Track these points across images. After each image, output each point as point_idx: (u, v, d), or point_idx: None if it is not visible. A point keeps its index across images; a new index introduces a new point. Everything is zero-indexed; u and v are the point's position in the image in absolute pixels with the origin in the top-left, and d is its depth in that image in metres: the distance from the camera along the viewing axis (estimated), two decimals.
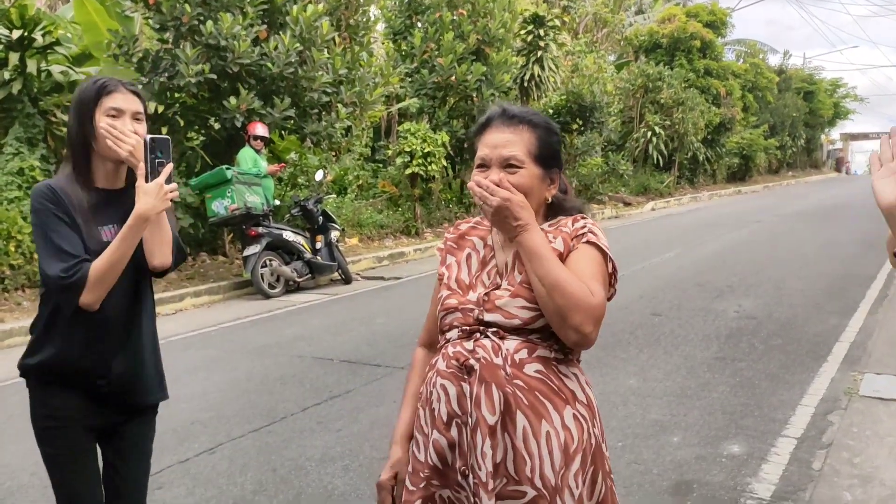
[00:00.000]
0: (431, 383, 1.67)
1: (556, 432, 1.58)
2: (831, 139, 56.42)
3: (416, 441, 1.71)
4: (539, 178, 1.71)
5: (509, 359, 1.60)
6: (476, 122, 1.80)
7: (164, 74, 9.53)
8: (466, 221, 1.88)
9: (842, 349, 5.82)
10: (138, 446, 2.26)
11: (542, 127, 1.73)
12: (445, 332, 1.72)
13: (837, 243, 12.05)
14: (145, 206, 1.99)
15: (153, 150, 2.03)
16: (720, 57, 30.59)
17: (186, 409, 4.86)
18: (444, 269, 1.80)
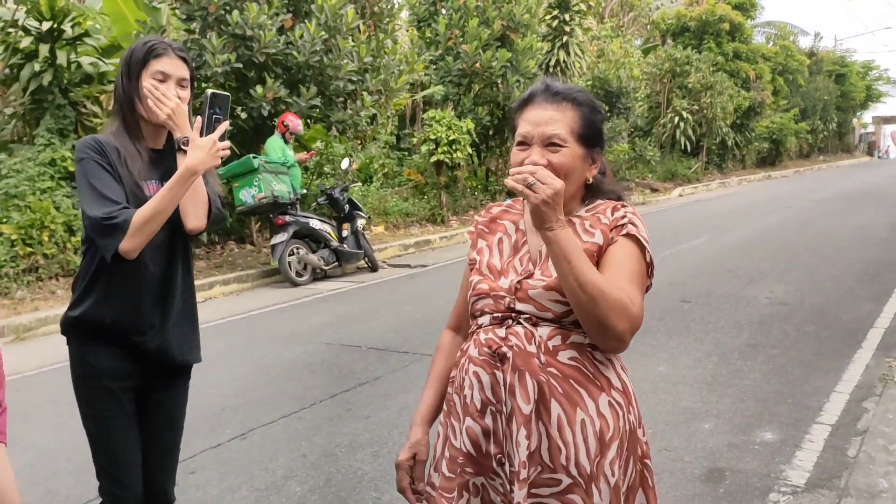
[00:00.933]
0: (464, 370, 1.65)
1: (592, 420, 1.56)
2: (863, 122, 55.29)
3: (452, 427, 1.68)
4: (581, 158, 1.66)
5: (543, 346, 1.57)
6: (517, 98, 1.74)
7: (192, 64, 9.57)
8: (498, 205, 1.85)
9: (876, 335, 5.72)
10: (171, 412, 2.30)
11: (587, 105, 1.67)
12: (476, 317, 1.69)
13: (870, 228, 11.83)
14: (196, 160, 2.00)
15: (212, 106, 2.05)
16: (749, 40, 30.07)
17: (217, 395, 4.91)
18: (475, 253, 1.76)
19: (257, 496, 3.47)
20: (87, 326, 2.13)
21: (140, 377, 2.19)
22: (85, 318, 2.12)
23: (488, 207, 1.85)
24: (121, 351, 2.14)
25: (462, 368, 1.66)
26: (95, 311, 2.11)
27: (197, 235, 2.21)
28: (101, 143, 2.06)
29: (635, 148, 20.71)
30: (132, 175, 2.07)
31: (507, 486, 1.58)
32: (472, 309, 1.71)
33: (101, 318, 2.11)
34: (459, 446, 1.65)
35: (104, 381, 2.14)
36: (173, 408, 2.31)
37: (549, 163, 1.59)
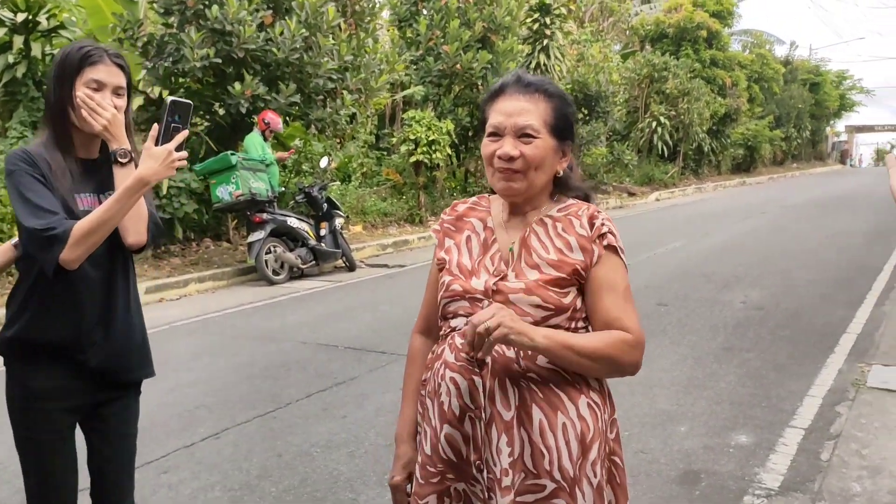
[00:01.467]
0: (439, 375, 1.61)
1: (573, 423, 1.55)
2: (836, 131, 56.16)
3: (424, 433, 1.65)
4: (553, 150, 1.63)
5: (521, 351, 1.55)
6: (489, 89, 1.71)
7: (169, 59, 9.48)
8: (463, 202, 1.80)
9: (849, 340, 5.79)
10: (122, 428, 2.18)
11: (558, 97, 1.65)
12: (449, 318, 1.65)
13: (843, 235, 12.00)
14: (149, 171, 1.88)
15: (172, 113, 1.93)
16: (726, 47, 30.41)
17: (191, 393, 4.85)
18: (443, 252, 1.72)
19: (231, 496, 3.42)
20: (23, 346, 2.02)
21: (83, 395, 2.08)
22: (20, 337, 2.02)
23: (453, 205, 1.81)
24: (60, 370, 2.03)
25: (437, 373, 1.62)
26: (32, 329, 2.01)
27: (139, 251, 2.09)
28: (31, 154, 1.95)
29: (613, 152, 20.85)
30: (62, 188, 1.95)
31: (487, 493, 1.56)
32: (443, 310, 1.67)
33: (37, 337, 2.01)
34: (432, 453, 1.62)
35: (41, 403, 2.03)
36: (122, 424, 2.18)
37: (521, 154, 1.57)
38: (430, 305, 1.78)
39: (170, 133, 1.92)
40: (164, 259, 9.61)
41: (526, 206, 1.67)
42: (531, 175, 1.60)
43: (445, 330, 1.66)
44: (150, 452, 3.89)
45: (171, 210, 9.44)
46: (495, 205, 1.75)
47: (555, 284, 1.56)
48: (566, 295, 1.57)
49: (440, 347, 1.66)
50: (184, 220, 9.82)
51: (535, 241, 1.63)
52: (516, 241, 1.64)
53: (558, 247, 1.61)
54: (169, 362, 5.69)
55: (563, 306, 1.56)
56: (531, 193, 1.64)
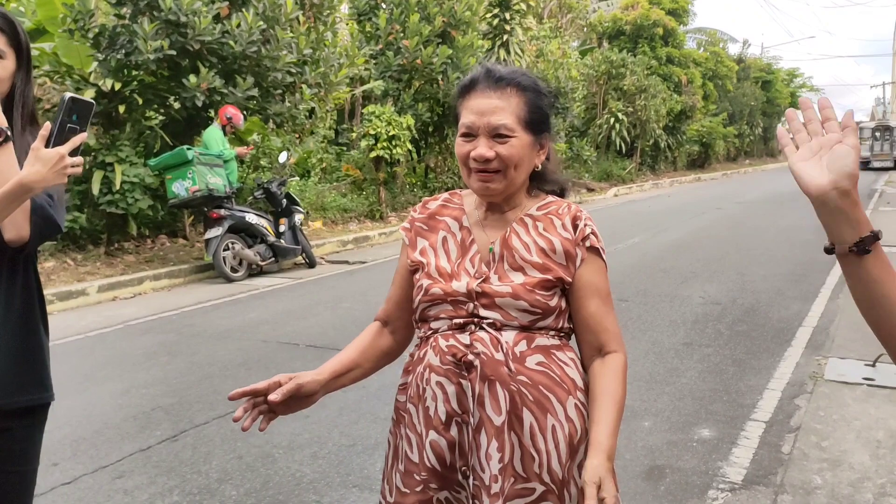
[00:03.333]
0: (423, 379, 1.55)
1: (561, 425, 1.52)
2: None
3: (408, 439, 1.59)
4: (530, 146, 1.58)
5: (510, 353, 1.51)
6: (459, 84, 1.64)
7: (122, 51, 9.21)
8: (434, 199, 1.75)
9: (805, 334, 5.90)
10: (6, 466, 1.79)
11: (532, 89, 1.59)
12: (428, 321, 1.60)
13: (796, 230, 12.25)
14: (34, 176, 1.58)
15: (70, 112, 1.66)
16: (682, 45, 30.92)
17: (147, 395, 4.72)
18: (418, 254, 1.65)
19: (190, 501, 3.33)
20: None
21: None
22: None
23: (424, 203, 1.75)
24: None
25: (420, 377, 1.56)
26: None
27: (22, 250, 1.72)
28: None
29: (572, 148, 21.00)
30: None
31: (472, 501, 1.52)
32: (421, 314, 1.61)
33: None
34: (419, 461, 1.56)
35: None
36: (8, 460, 1.78)
37: (497, 154, 1.53)
38: (393, 301, 1.72)
39: (65, 134, 1.65)
40: (117, 257, 9.37)
41: (504, 205, 1.63)
42: (510, 174, 1.56)
43: (426, 333, 1.61)
44: (105, 457, 3.78)
45: (125, 206, 9.21)
46: (468, 201, 1.70)
47: (541, 287, 1.53)
48: (552, 297, 1.55)
49: (421, 350, 1.60)
50: (138, 216, 9.58)
51: (517, 242, 1.59)
52: (497, 242, 1.59)
53: (541, 247, 1.57)
54: (123, 363, 5.53)
55: (550, 309, 1.55)
56: (510, 192, 1.61)
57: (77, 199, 9.31)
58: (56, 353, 6.12)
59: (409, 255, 1.67)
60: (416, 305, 1.61)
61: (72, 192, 9.32)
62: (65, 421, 4.21)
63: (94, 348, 5.99)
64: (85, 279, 8.29)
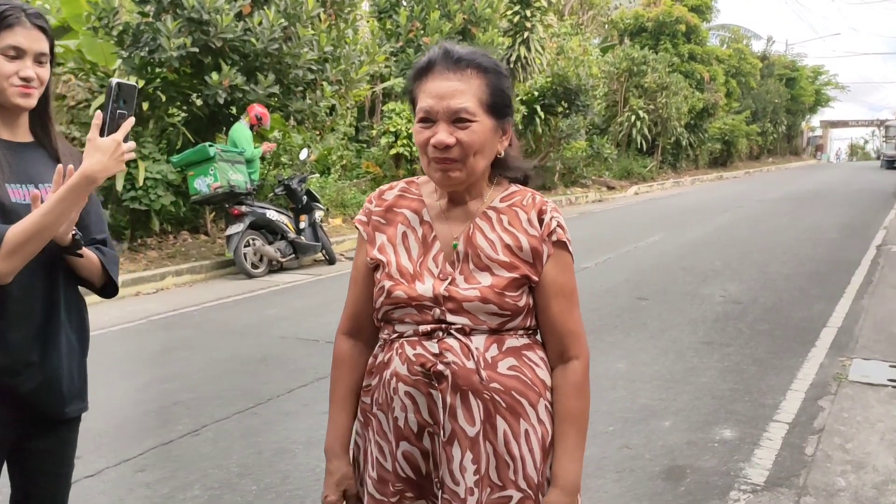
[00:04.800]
0: (391, 388, 1.48)
1: (534, 428, 1.49)
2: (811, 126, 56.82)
3: (379, 446, 1.53)
4: (492, 131, 1.47)
5: (482, 360, 1.45)
6: (413, 66, 1.53)
7: (145, 48, 9.30)
8: (390, 188, 1.62)
9: (829, 334, 5.83)
10: (51, 468, 1.87)
11: (493, 70, 1.48)
12: (392, 323, 1.52)
13: (819, 229, 12.12)
14: (96, 166, 1.60)
15: (117, 99, 1.66)
16: (704, 42, 30.62)
17: (168, 390, 4.76)
18: (377, 251, 1.55)
19: (210, 495, 3.35)
20: None
21: (12, 425, 1.77)
22: None
23: (379, 192, 1.62)
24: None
25: (388, 386, 1.49)
26: None
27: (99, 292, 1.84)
28: None
29: (593, 145, 20.90)
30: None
31: None
32: (384, 316, 1.52)
33: None
34: (393, 469, 1.51)
35: None
36: (56, 462, 1.88)
37: (458, 141, 1.43)
38: (358, 305, 1.62)
39: (116, 121, 1.66)
40: (140, 252, 9.46)
41: (466, 194, 1.54)
42: (470, 162, 1.46)
43: (390, 335, 1.53)
44: (127, 450, 3.81)
45: (148, 202, 9.29)
46: (426, 190, 1.59)
47: (510, 288, 1.47)
48: (521, 297, 1.49)
49: (386, 354, 1.52)
50: (161, 212, 9.66)
51: (482, 240, 1.50)
52: (461, 239, 1.51)
53: (507, 243, 1.50)
54: (145, 357, 5.59)
55: (519, 310, 1.49)
56: (471, 181, 1.51)
57: (101, 196, 9.41)
58: None
59: (368, 252, 1.57)
60: (378, 306, 1.53)
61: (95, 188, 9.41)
62: (88, 415, 4.23)
63: (117, 343, 6.06)
64: None
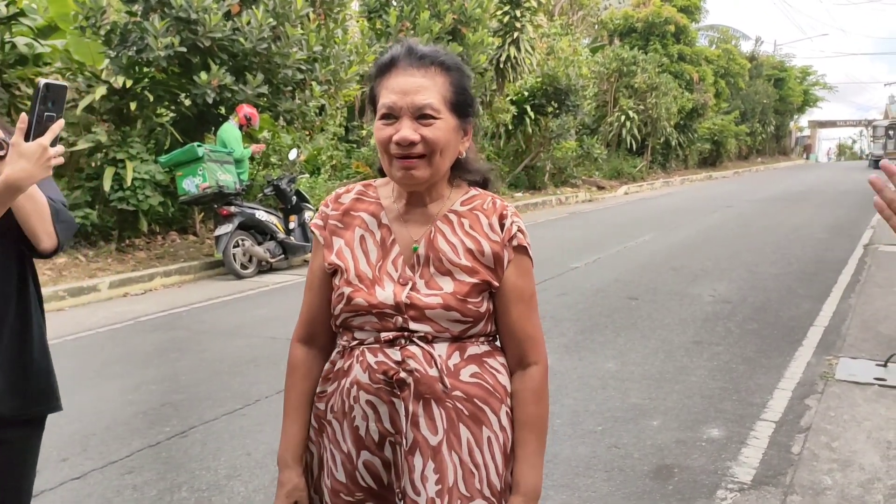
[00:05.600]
0: (351, 396, 1.46)
1: (496, 435, 1.48)
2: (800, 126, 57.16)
3: (331, 456, 1.50)
4: (455, 130, 1.46)
5: (444, 367, 1.43)
6: (375, 63, 1.50)
7: (133, 48, 9.26)
8: (346, 190, 1.59)
9: (816, 333, 5.86)
10: (7, 476, 1.76)
11: (456, 69, 1.47)
12: (351, 330, 1.49)
13: (807, 228, 12.19)
14: (20, 173, 1.50)
15: (44, 101, 1.54)
16: (693, 42, 30.76)
17: (156, 391, 4.74)
18: (335, 256, 1.51)
19: (198, 497, 3.34)
20: None
21: None
22: None
23: (336, 196, 1.59)
24: None
25: (347, 393, 1.47)
26: None
27: (49, 256, 1.70)
28: None
29: (583, 145, 20.93)
30: None
31: None
32: (343, 322, 1.50)
33: None
34: (347, 480, 1.49)
35: None
36: (10, 470, 1.76)
37: (422, 138, 1.40)
38: (313, 311, 1.58)
39: (43, 124, 1.54)
40: (128, 253, 9.42)
41: (426, 196, 1.51)
42: (435, 160, 1.43)
43: (350, 342, 1.50)
44: (114, 452, 3.80)
45: (136, 203, 9.24)
46: (384, 192, 1.57)
47: (472, 294, 1.45)
48: (482, 303, 1.47)
49: (346, 362, 1.49)
50: (149, 212, 9.61)
51: (443, 243, 1.48)
52: (421, 242, 1.49)
53: (468, 248, 1.48)
54: (133, 359, 5.56)
55: (480, 316, 1.47)
56: (434, 181, 1.48)
57: (88, 196, 9.36)
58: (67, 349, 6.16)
59: (326, 257, 1.53)
60: (337, 313, 1.50)
61: (83, 188, 9.37)
62: (75, 416, 4.23)
63: (105, 344, 6.03)
64: (96, 275, 8.33)
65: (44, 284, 7.61)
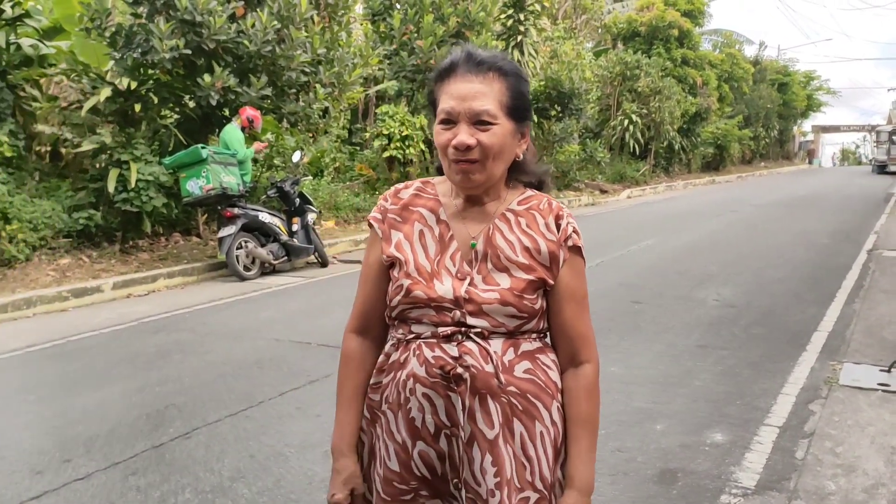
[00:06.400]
0: (408, 389, 1.49)
1: (548, 430, 1.52)
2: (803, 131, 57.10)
3: (384, 446, 1.53)
4: (511, 135, 1.50)
5: (500, 364, 1.47)
6: (436, 68, 1.55)
7: (138, 50, 9.28)
8: (405, 186, 1.63)
9: (820, 338, 5.84)
10: None
11: (513, 74, 1.51)
12: (408, 323, 1.53)
13: (812, 233, 12.16)
14: None
15: None
16: (697, 46, 30.72)
17: (161, 392, 4.74)
18: (394, 249, 1.55)
19: (202, 499, 3.34)
20: None
21: None
22: None
23: (395, 191, 1.63)
24: None
25: (403, 385, 1.50)
26: None
27: None
28: None
29: (586, 149, 20.92)
30: None
31: None
32: (400, 314, 1.53)
33: None
34: (401, 469, 1.52)
35: None
36: None
37: (478, 143, 1.45)
38: (368, 303, 1.62)
39: None
40: (131, 254, 9.43)
41: (484, 196, 1.56)
42: (490, 165, 1.48)
43: (406, 335, 1.53)
44: (118, 454, 3.79)
45: (140, 204, 9.26)
46: (442, 190, 1.61)
47: (528, 290, 1.49)
48: (537, 300, 1.51)
49: (402, 354, 1.52)
50: (152, 214, 9.62)
51: (501, 240, 1.52)
52: (480, 239, 1.53)
53: (525, 246, 1.52)
54: (137, 360, 5.56)
55: (535, 312, 1.51)
56: (491, 184, 1.53)
57: (92, 197, 9.38)
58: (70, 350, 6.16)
59: (384, 250, 1.57)
60: (395, 305, 1.53)
61: (87, 189, 9.39)
62: (78, 418, 4.23)
63: (109, 345, 6.03)
64: (100, 276, 8.34)
65: (47, 285, 7.69)
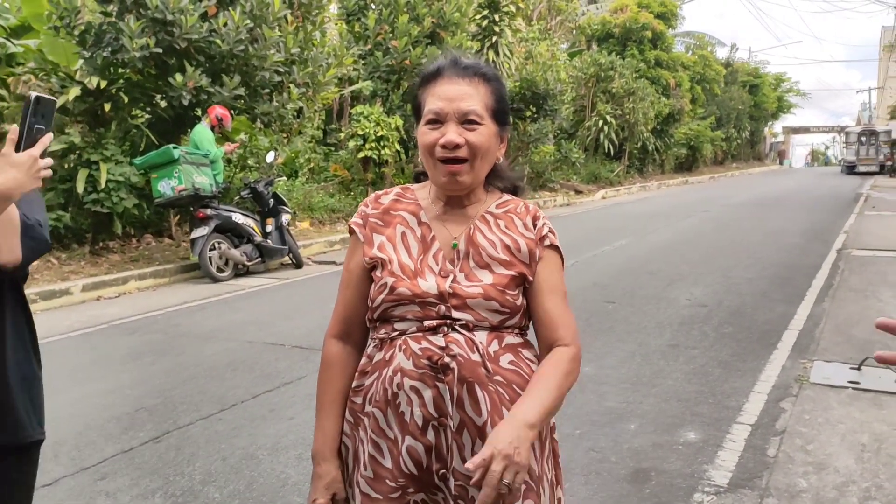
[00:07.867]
0: (395, 384, 1.50)
1: None
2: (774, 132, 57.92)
3: (376, 445, 1.55)
4: (495, 136, 1.57)
5: (486, 353, 1.50)
6: (422, 73, 1.61)
7: (108, 48, 9.15)
8: (385, 193, 1.69)
9: (791, 337, 5.91)
10: None
11: (495, 79, 1.59)
12: (391, 322, 1.55)
13: (782, 233, 12.32)
14: (10, 183, 1.51)
15: (35, 113, 1.57)
16: (670, 48, 31.06)
17: (131, 395, 4.67)
18: (377, 250, 1.58)
19: (173, 503, 3.29)
20: None
21: None
22: None
23: (375, 197, 1.69)
24: None
25: (389, 381, 1.51)
26: None
27: (12, 272, 1.65)
28: None
29: (561, 150, 21.03)
30: None
31: (452, 502, 1.50)
32: (383, 313, 1.55)
33: None
34: (392, 466, 1.53)
35: None
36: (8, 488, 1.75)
37: (466, 141, 1.50)
38: (349, 308, 1.65)
39: (33, 136, 1.58)
40: (102, 256, 9.30)
41: (465, 199, 1.61)
42: (477, 165, 1.54)
43: (389, 333, 1.55)
44: (87, 458, 3.73)
45: (110, 205, 9.13)
46: (422, 195, 1.67)
47: (510, 286, 1.53)
48: (518, 296, 1.55)
49: (387, 352, 1.54)
50: (123, 215, 9.51)
51: (482, 239, 1.57)
52: (461, 238, 1.57)
53: (506, 244, 1.57)
54: (107, 363, 5.48)
55: (517, 308, 1.55)
56: (476, 185, 1.59)
57: (62, 198, 9.23)
58: None
59: (367, 252, 1.60)
60: (378, 304, 1.55)
61: (56, 190, 9.24)
62: (46, 422, 4.16)
63: (78, 348, 5.94)
64: (69, 278, 8.21)
65: None
